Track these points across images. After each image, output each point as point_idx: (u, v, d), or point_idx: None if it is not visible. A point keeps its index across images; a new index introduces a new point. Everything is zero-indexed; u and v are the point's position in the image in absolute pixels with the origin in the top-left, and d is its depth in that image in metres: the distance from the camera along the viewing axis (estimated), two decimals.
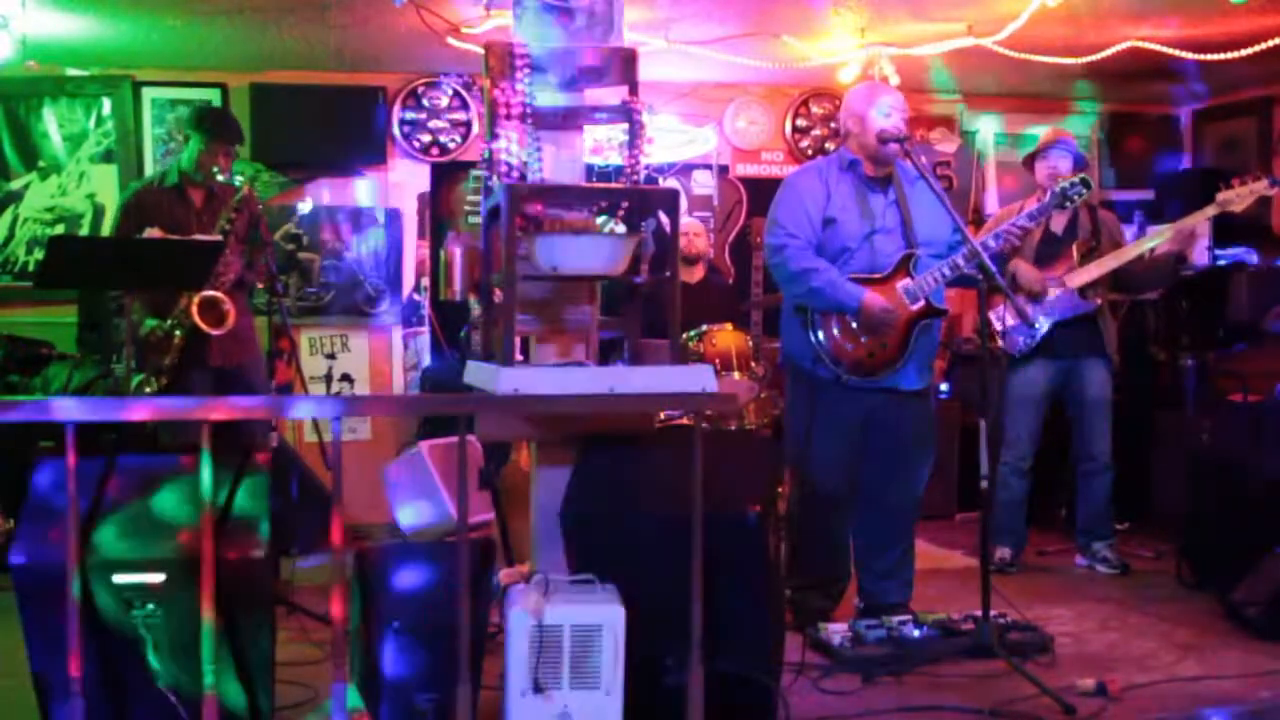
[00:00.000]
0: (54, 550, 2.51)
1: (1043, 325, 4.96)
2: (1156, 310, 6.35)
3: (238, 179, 4.60)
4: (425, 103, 6.32)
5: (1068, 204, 4.32)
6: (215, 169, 4.56)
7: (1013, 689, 3.42)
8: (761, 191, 6.07)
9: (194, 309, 4.44)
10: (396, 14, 4.94)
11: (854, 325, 3.99)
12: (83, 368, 5.41)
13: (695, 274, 5.91)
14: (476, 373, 3.15)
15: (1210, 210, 4.84)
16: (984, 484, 3.82)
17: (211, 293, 4.46)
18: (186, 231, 4.55)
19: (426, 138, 6.34)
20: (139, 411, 2.54)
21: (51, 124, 6.01)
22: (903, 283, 4.00)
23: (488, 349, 3.28)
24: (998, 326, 5.02)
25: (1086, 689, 3.42)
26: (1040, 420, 5.11)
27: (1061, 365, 5.04)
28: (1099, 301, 4.99)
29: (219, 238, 4.43)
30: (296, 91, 6.09)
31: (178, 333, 4.50)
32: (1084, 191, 4.27)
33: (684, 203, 6.62)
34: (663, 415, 4.35)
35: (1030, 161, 5.18)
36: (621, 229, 3.18)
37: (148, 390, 4.45)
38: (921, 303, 4.00)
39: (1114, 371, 5.09)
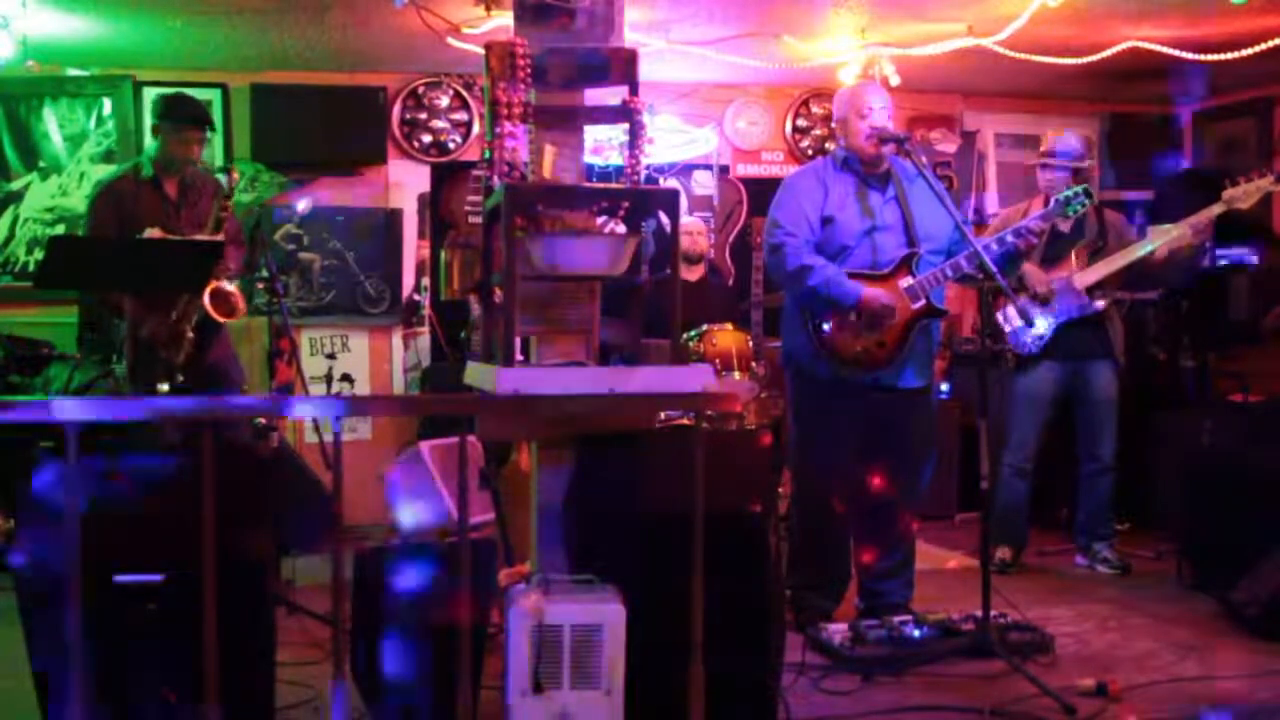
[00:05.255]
0: (54, 550, 2.51)
1: (1043, 326, 4.96)
2: (1156, 310, 6.34)
3: (220, 175, 4.57)
4: (425, 103, 6.33)
5: (1069, 214, 4.37)
6: (190, 158, 4.55)
7: (1013, 689, 3.43)
8: (762, 192, 6.07)
9: (206, 300, 4.41)
10: (396, 14, 4.94)
11: (853, 323, 4.00)
12: (83, 368, 5.40)
13: (695, 274, 5.92)
14: (476, 373, 3.15)
15: (1217, 208, 4.84)
16: (984, 484, 3.82)
17: (219, 284, 4.43)
18: (165, 224, 4.53)
19: (427, 138, 6.35)
20: (139, 411, 2.54)
21: (52, 124, 6.01)
22: (904, 281, 4.01)
23: (488, 349, 3.28)
24: (1004, 327, 5.02)
25: (1086, 689, 3.42)
26: (1044, 422, 5.10)
27: (1068, 367, 5.03)
28: (1105, 302, 4.98)
29: (220, 238, 4.41)
30: (296, 91, 6.09)
31: (187, 328, 4.46)
32: (1086, 202, 4.33)
33: (684, 203, 6.62)
34: (663, 415, 4.35)
35: (1036, 162, 5.17)
36: (621, 229, 3.18)
37: (160, 390, 4.40)
38: (922, 302, 4.00)
39: (1120, 374, 5.09)
